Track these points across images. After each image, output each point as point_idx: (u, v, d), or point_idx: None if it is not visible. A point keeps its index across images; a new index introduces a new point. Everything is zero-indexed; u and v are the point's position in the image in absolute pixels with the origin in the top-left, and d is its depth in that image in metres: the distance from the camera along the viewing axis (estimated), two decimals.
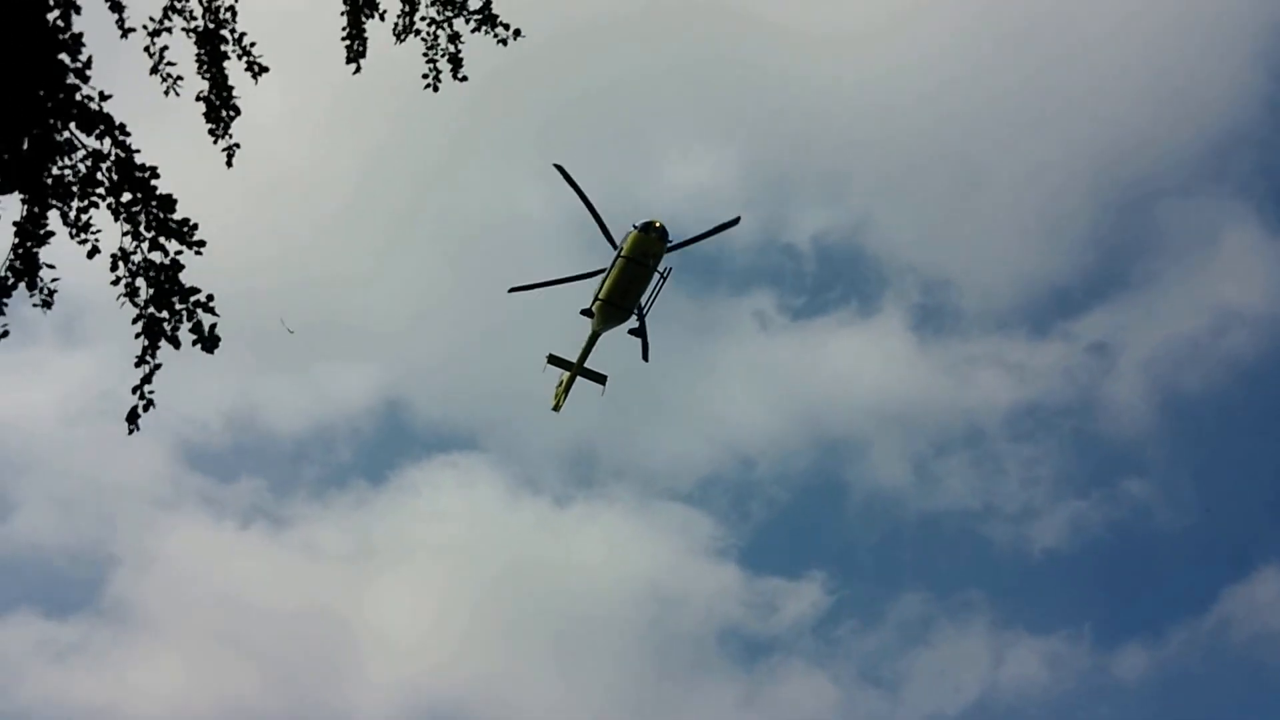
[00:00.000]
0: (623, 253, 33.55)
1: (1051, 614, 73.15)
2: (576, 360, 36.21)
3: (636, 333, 35.01)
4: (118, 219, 11.29)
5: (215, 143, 13.80)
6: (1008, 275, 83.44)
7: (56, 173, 11.19)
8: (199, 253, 11.17)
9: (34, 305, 11.39)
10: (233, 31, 13.60)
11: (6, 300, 11.26)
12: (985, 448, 75.55)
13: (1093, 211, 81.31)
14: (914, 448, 75.59)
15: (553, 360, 36.36)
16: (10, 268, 11.26)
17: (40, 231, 11.24)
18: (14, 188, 10.81)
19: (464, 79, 15.08)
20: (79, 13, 11.65)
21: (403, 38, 14.73)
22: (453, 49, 14.83)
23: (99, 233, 11.27)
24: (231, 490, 74.72)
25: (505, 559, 72.39)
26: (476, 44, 14.71)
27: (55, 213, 11.27)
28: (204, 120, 13.75)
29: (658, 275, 33.68)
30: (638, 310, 34.46)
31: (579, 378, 36.71)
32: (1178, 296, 78.63)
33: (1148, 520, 73.99)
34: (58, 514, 70.17)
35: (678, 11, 78.93)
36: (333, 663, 66.68)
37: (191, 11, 13.48)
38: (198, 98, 13.61)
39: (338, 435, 77.56)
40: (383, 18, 14.58)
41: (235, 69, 13.76)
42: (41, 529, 68.76)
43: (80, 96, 11.03)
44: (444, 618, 69.85)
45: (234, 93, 13.72)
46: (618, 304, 34.26)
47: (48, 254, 11.19)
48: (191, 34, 13.53)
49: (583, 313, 34.92)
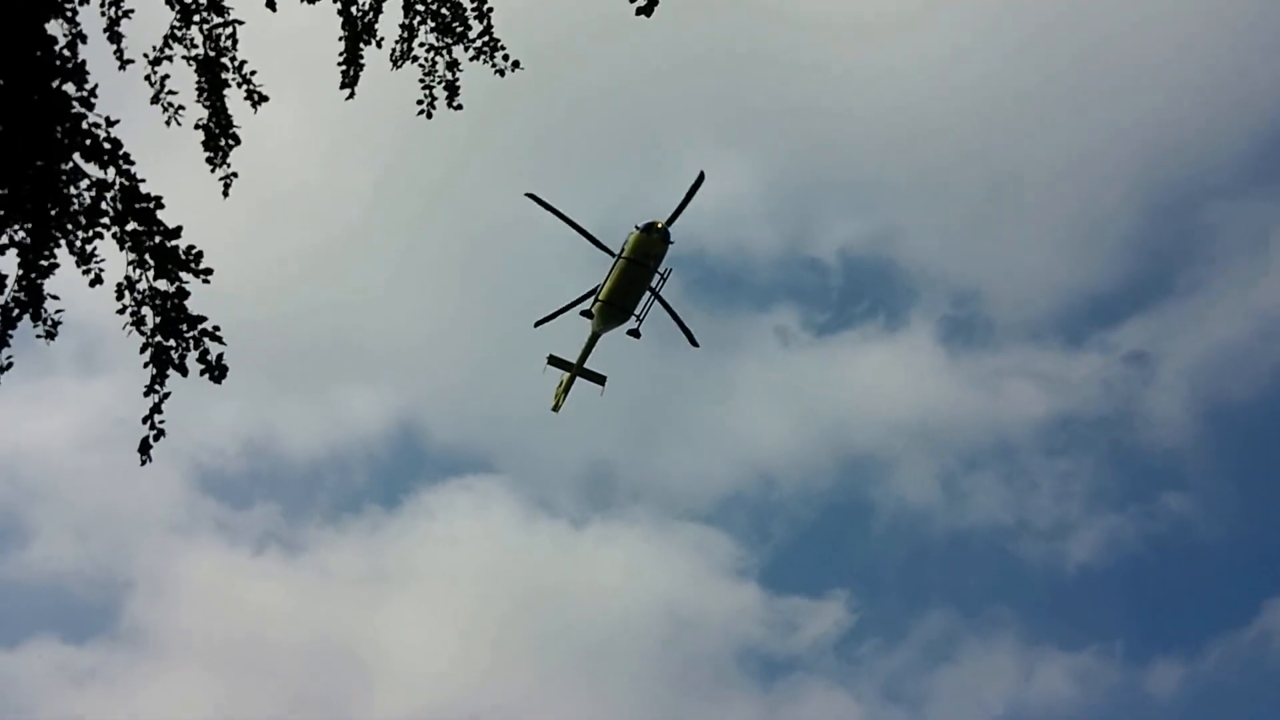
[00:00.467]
0: (624, 254, 33.76)
1: (1083, 630, 72.41)
2: (576, 361, 36.52)
3: (636, 334, 35.04)
4: (123, 248, 11.25)
5: (213, 171, 13.77)
6: (1041, 283, 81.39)
7: (62, 204, 11.15)
8: (206, 281, 11.13)
9: (38, 336, 11.33)
10: (233, 60, 13.59)
11: (11, 332, 11.20)
12: (1017, 462, 74.56)
13: (1132, 215, 78.97)
14: (942, 463, 74.72)
15: (553, 361, 36.65)
16: (14, 299, 11.20)
17: (44, 262, 11.18)
18: (20, 219, 10.76)
19: (459, 108, 15.07)
20: (85, 42, 11.66)
21: (400, 64, 14.73)
22: (450, 76, 14.83)
23: (103, 261, 11.24)
24: (245, 516, 75.15)
25: (522, 582, 72.34)
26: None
27: (59, 243, 11.22)
28: (202, 149, 13.75)
29: (658, 276, 33.84)
30: (639, 314, 34.65)
31: (579, 378, 37.10)
32: (1224, 302, 76.44)
33: (1187, 534, 72.56)
34: (74, 540, 70.75)
35: (694, 13, 78.08)
36: (348, 688, 66.93)
37: (192, 40, 13.47)
38: (197, 126, 13.59)
39: (352, 459, 77.60)
40: (379, 45, 14.58)
41: (235, 97, 13.76)
42: (58, 555, 69.56)
43: (86, 125, 10.99)
44: (460, 642, 69.91)
45: (233, 121, 13.71)
46: (617, 305, 34.39)
47: (59, 284, 11.14)
48: (192, 62, 13.51)
49: (582, 314, 35.12)
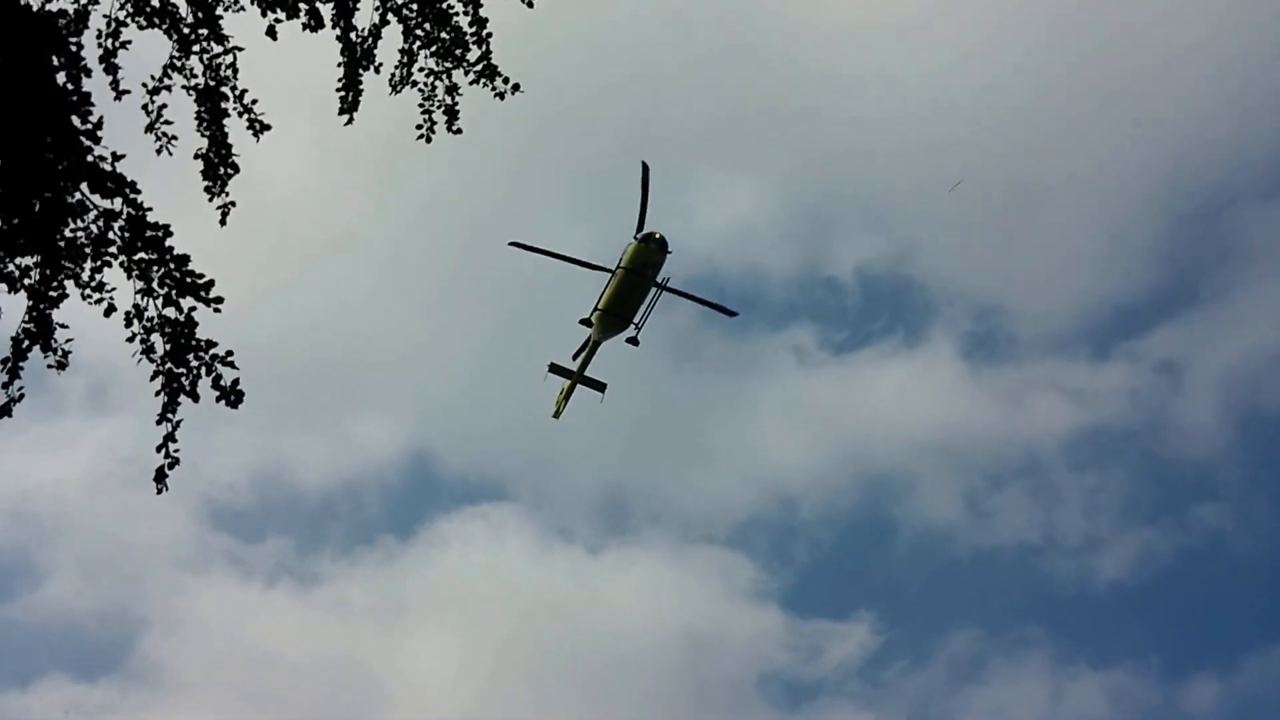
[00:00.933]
0: (622, 264, 34.33)
1: (1116, 647, 70.49)
2: (577, 369, 37.10)
3: (634, 341, 35.51)
4: (130, 276, 11.22)
5: (211, 200, 13.74)
6: (1065, 295, 79.21)
7: (69, 235, 11.13)
8: (217, 310, 11.11)
9: (49, 366, 11.29)
10: (234, 89, 13.59)
11: (22, 364, 11.16)
12: (1044, 477, 72.74)
13: (1155, 222, 76.85)
14: (966, 481, 73.14)
15: (554, 369, 37.18)
16: (24, 330, 11.16)
17: (53, 293, 11.15)
18: (29, 251, 10.74)
19: (458, 131, 15.10)
20: (89, 75, 11.66)
21: (399, 89, 14.76)
22: (449, 100, 14.86)
23: (113, 290, 11.22)
24: (257, 549, 74.60)
25: (539, 610, 71.35)
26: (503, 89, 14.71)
27: (70, 274, 11.20)
28: (201, 178, 13.73)
29: (655, 286, 34.46)
30: (638, 321, 35.08)
31: (580, 385, 37.55)
32: (1252, 309, 74.42)
33: (1221, 547, 70.76)
34: (86, 579, 70.39)
35: (701, 35, 77.34)
36: None
37: (192, 69, 13.47)
38: (196, 155, 13.57)
39: (365, 490, 77.04)
40: (378, 70, 14.61)
41: (236, 126, 13.75)
42: (70, 594, 68.84)
43: (92, 158, 10.98)
44: (477, 671, 69.21)
45: (233, 150, 13.70)
46: (616, 313, 34.90)
47: (72, 319, 11.11)
48: (191, 92, 13.50)
49: (581, 322, 35.63)
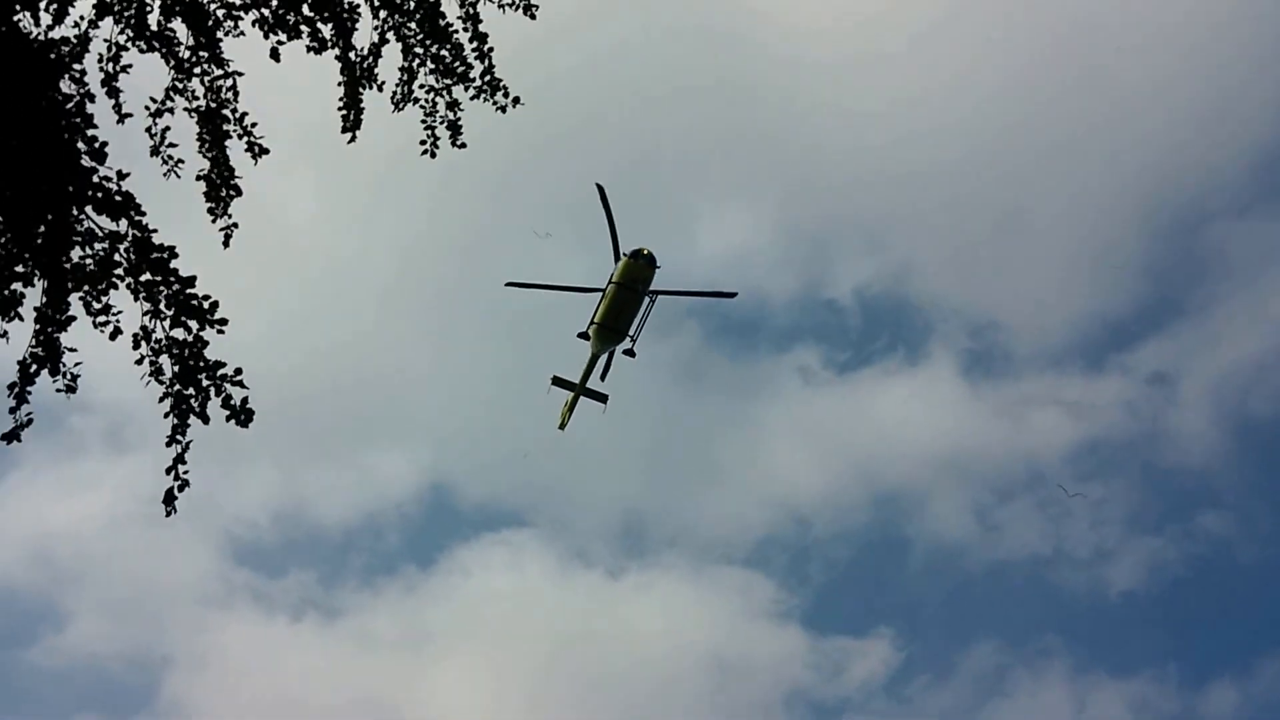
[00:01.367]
0: (614, 279, 35.90)
1: (1133, 656, 70.96)
2: (579, 381, 38.53)
3: (631, 353, 37.13)
4: (137, 298, 11.20)
5: (214, 222, 13.74)
6: (1057, 311, 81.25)
7: (76, 259, 11.12)
8: (220, 332, 11.08)
9: (57, 390, 11.26)
10: (234, 112, 13.60)
11: (30, 388, 11.13)
12: (1048, 491, 73.45)
13: (1140, 238, 78.94)
14: (974, 496, 73.80)
15: (556, 381, 38.61)
16: (31, 354, 11.13)
17: (60, 317, 11.13)
18: (38, 275, 10.73)
19: (463, 146, 15.10)
20: (93, 101, 11.69)
21: (401, 106, 14.76)
22: (452, 116, 14.86)
23: (119, 313, 11.19)
24: (281, 584, 74.52)
25: (562, 634, 71.56)
26: (511, 118, 14.79)
27: (74, 297, 11.18)
28: (204, 200, 13.72)
29: (647, 299, 36.14)
30: (633, 334, 36.66)
31: (583, 397, 38.94)
32: (1239, 319, 76.31)
33: (1227, 552, 71.70)
34: (110, 621, 70.46)
35: (694, 63, 78.28)
36: None
37: (193, 92, 13.48)
38: (198, 177, 13.57)
39: (385, 522, 77.33)
40: (380, 88, 14.61)
41: (237, 149, 13.75)
42: (95, 636, 68.78)
43: (97, 179, 10.98)
44: (504, 702, 69.22)
45: (235, 172, 13.69)
46: (611, 326, 36.46)
47: (88, 359, 11.10)
48: (193, 114, 13.51)
49: (579, 336, 37.08)
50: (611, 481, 78.76)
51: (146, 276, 11.09)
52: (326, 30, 13.74)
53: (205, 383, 11.05)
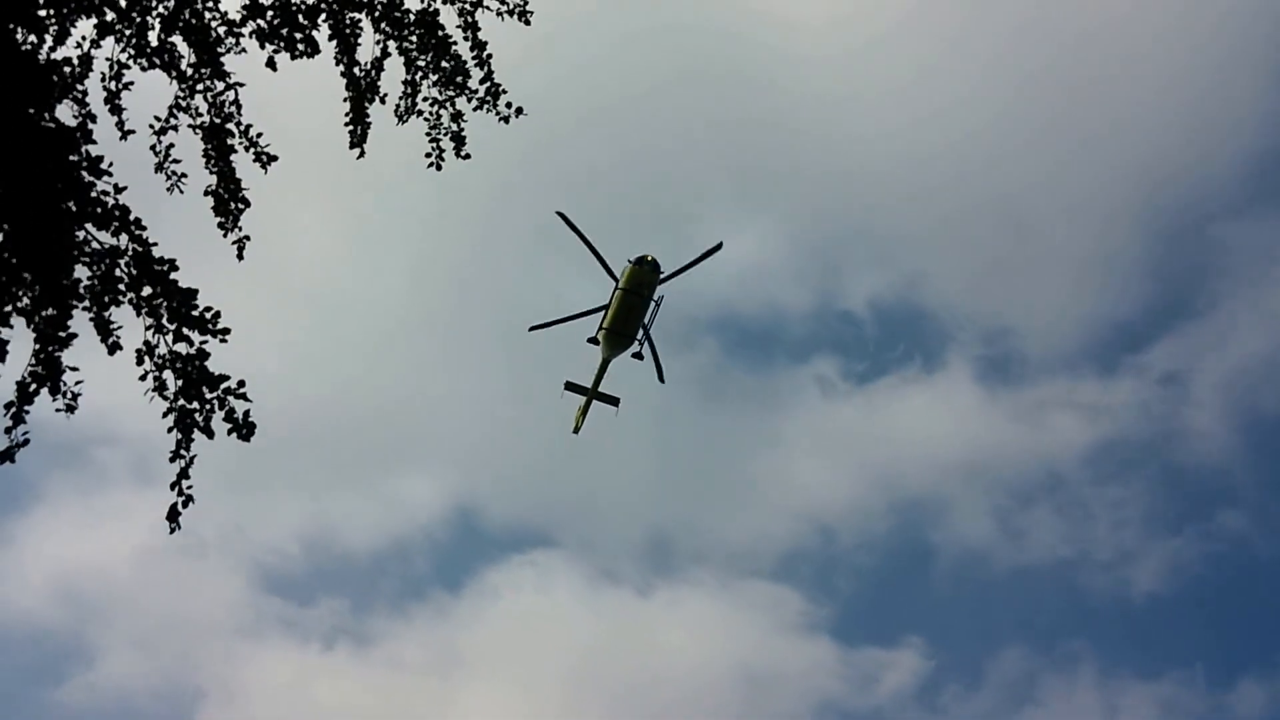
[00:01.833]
0: (620, 285, 37.10)
1: (1160, 657, 72.18)
2: (591, 386, 39.56)
3: (639, 356, 38.32)
4: (139, 313, 11.07)
5: (225, 236, 13.62)
6: (1068, 316, 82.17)
7: (78, 277, 11.00)
8: (224, 340, 10.94)
9: (57, 410, 11.11)
10: (239, 124, 13.48)
11: (28, 408, 10.99)
12: (1069, 493, 74.52)
13: (1145, 241, 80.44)
14: (995, 501, 74.54)
15: (569, 386, 39.69)
16: (31, 373, 10.99)
17: (61, 334, 10.99)
18: (40, 295, 10.61)
19: (467, 157, 14.99)
20: (95, 121, 11.63)
21: (405, 119, 14.65)
22: (455, 128, 14.75)
23: (120, 328, 11.07)
24: (312, 612, 74.69)
25: (593, 652, 71.82)
26: (517, 135, 14.67)
27: (75, 315, 11.05)
28: (213, 214, 13.61)
29: (653, 304, 37.10)
30: (640, 337, 37.78)
31: (595, 400, 39.77)
32: (1245, 316, 77.54)
33: (1247, 549, 72.54)
34: (140, 654, 70.37)
35: (704, 83, 78.91)
36: None
37: (197, 109, 13.38)
38: (206, 192, 13.45)
39: (413, 546, 77.61)
40: (383, 101, 14.51)
41: (243, 161, 13.63)
42: (125, 671, 68.83)
43: (96, 193, 10.86)
44: (537, 718, 68.54)
45: (242, 185, 13.57)
46: (620, 331, 37.71)
47: (111, 394, 10.97)
48: (198, 130, 13.41)
49: (589, 340, 38.38)
50: (636, 499, 78.92)
51: (147, 291, 10.96)
52: (322, 38, 13.62)
53: (209, 396, 10.90)
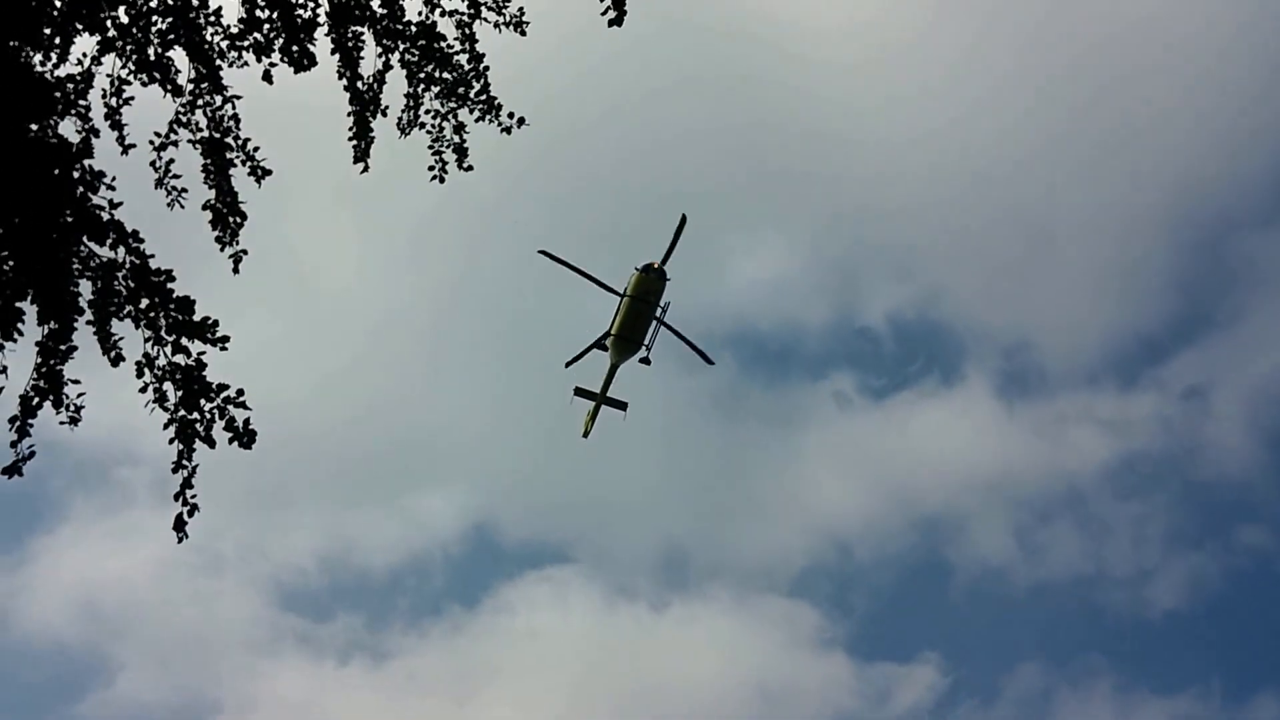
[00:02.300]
0: (628, 292, 38.09)
1: (1177, 673, 71.09)
2: (600, 391, 40.55)
3: (646, 361, 39.25)
4: (138, 326, 11.12)
5: (222, 250, 13.67)
6: (1088, 328, 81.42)
7: (78, 291, 11.06)
8: (224, 349, 10.98)
9: (60, 423, 11.17)
10: (237, 139, 13.55)
11: (31, 421, 11.04)
12: (1088, 509, 73.64)
13: (1167, 253, 79.60)
14: (1014, 516, 73.78)
15: (579, 392, 40.71)
16: (33, 386, 11.05)
17: (62, 347, 11.04)
18: (45, 310, 10.68)
19: (469, 168, 15.03)
20: (98, 136, 11.72)
21: (407, 131, 14.70)
22: (458, 139, 14.79)
23: (120, 339, 11.13)
24: (329, 628, 74.79)
25: (609, 668, 71.64)
26: (530, 142, 14.70)
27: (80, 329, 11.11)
28: (211, 228, 13.66)
29: (659, 309, 38.24)
30: (648, 343, 38.67)
31: (604, 405, 40.77)
32: (1270, 330, 76.59)
33: (1269, 566, 71.54)
34: (159, 670, 70.49)
35: (723, 98, 79.10)
36: None
37: (197, 123, 13.45)
38: (205, 206, 13.51)
39: (430, 563, 77.81)
40: (385, 114, 14.55)
41: (239, 175, 13.68)
42: (145, 687, 68.85)
43: (92, 206, 10.92)
44: None
45: (240, 199, 13.62)
46: (627, 337, 38.68)
47: (129, 415, 11.03)
48: (198, 145, 13.47)
49: (597, 347, 39.31)
50: (652, 515, 78.98)
51: (146, 302, 11.00)
52: (324, 52, 13.69)
53: (208, 406, 10.94)
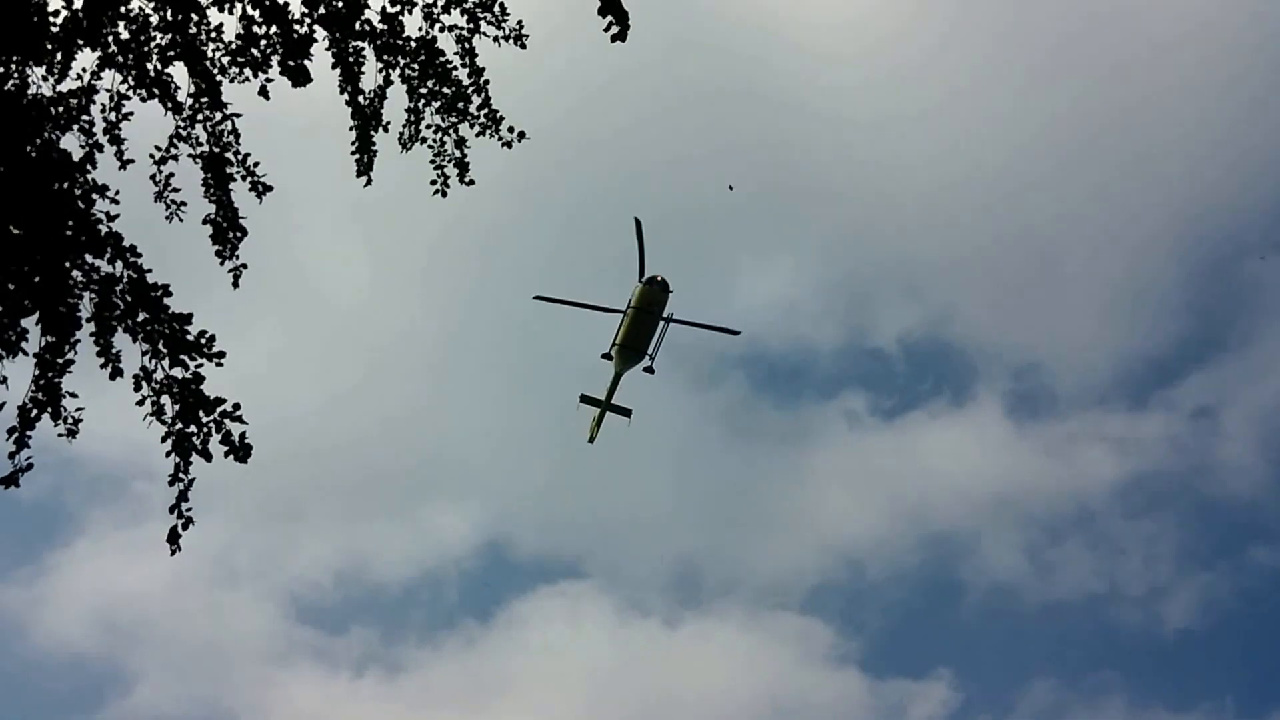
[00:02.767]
0: (632, 304, 39.20)
1: (1191, 690, 72.21)
2: (605, 398, 41.99)
3: (650, 370, 40.53)
4: (136, 339, 11.16)
5: (222, 264, 13.71)
6: (1098, 349, 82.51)
7: (73, 301, 11.10)
8: (219, 364, 11.02)
9: (59, 435, 11.20)
10: (237, 154, 13.60)
11: (30, 433, 11.08)
12: (1099, 528, 74.61)
13: (1177, 275, 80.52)
14: (1025, 535, 74.71)
15: (585, 399, 42.22)
16: (32, 399, 11.09)
17: (60, 360, 11.09)
18: (38, 322, 10.73)
19: (470, 183, 15.06)
20: (100, 151, 11.76)
21: (409, 146, 14.74)
22: (459, 154, 14.83)
23: (118, 352, 11.16)
24: (343, 641, 75.92)
25: (621, 683, 72.14)
26: (542, 159, 14.71)
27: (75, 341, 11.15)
28: (211, 243, 13.70)
29: (662, 321, 39.18)
30: (651, 352, 39.79)
31: (609, 412, 42.02)
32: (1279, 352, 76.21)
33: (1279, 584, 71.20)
34: (176, 680, 71.50)
35: (732, 119, 79.32)
36: None
37: (197, 138, 13.51)
38: (205, 220, 13.56)
39: (444, 577, 78.58)
40: (387, 129, 14.59)
41: (240, 190, 13.74)
42: (161, 697, 70.10)
43: (91, 219, 10.97)
44: None
45: (240, 214, 13.66)
46: (632, 347, 39.84)
47: (141, 430, 11.09)
48: (198, 160, 13.53)
49: (603, 356, 40.49)
50: (665, 532, 79.19)
51: (143, 316, 11.05)
52: (324, 68, 13.74)
53: (205, 420, 10.97)
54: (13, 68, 11.87)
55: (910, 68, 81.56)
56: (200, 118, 13.47)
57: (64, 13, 12.38)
